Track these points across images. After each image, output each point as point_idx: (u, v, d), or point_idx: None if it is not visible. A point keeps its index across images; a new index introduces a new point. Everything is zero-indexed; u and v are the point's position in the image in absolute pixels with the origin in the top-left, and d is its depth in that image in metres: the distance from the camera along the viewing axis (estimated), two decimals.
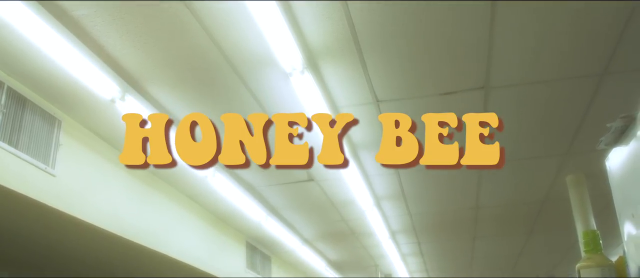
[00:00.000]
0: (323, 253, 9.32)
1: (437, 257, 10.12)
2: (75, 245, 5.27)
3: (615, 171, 1.67)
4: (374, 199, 6.76)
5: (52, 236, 4.96)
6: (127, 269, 6.27)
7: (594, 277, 2.08)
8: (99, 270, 6.25)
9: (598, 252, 2.14)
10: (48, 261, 5.74)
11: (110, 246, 5.20)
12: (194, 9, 3.47)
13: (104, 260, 5.86)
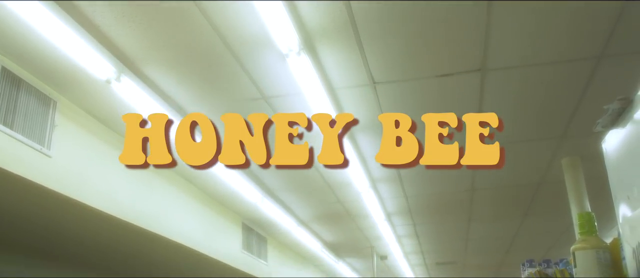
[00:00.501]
0: (319, 235, 9.36)
1: (432, 239, 10.17)
2: (72, 226, 5.27)
3: (611, 153, 1.67)
4: (370, 181, 6.77)
5: (48, 217, 4.96)
6: (124, 250, 6.28)
7: (588, 259, 2.08)
8: (96, 251, 6.26)
9: (593, 234, 2.15)
10: (44, 242, 5.74)
11: (106, 227, 5.20)
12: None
13: (100, 242, 5.87)
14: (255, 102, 4.81)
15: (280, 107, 4.92)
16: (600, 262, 2.07)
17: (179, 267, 7.40)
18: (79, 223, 5.18)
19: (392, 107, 5.07)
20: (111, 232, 5.41)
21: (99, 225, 5.14)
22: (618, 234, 1.93)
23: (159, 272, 7.68)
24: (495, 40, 4.09)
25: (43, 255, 6.05)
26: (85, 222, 5.10)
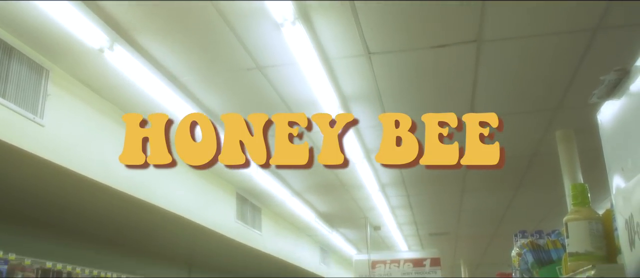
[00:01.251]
0: (313, 205, 9.40)
1: (425, 210, 10.23)
2: (65, 195, 5.27)
3: (606, 125, 1.66)
4: (364, 152, 6.78)
5: (42, 187, 4.96)
6: (118, 220, 6.30)
7: (581, 230, 2.10)
8: (90, 221, 6.28)
9: (586, 205, 2.16)
10: (38, 211, 5.75)
11: (100, 197, 5.21)
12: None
13: (94, 211, 5.88)
14: (249, 72, 4.79)
15: (274, 77, 4.90)
16: (592, 232, 2.09)
17: (173, 236, 7.44)
18: (72, 193, 5.18)
19: (387, 78, 5.06)
20: (105, 201, 5.41)
21: (93, 194, 5.14)
22: (611, 205, 1.94)
23: (153, 241, 7.73)
24: (492, 11, 4.06)
25: (37, 224, 6.07)
26: (79, 192, 5.10)
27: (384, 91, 5.27)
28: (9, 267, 4.38)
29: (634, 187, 1.45)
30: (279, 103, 5.35)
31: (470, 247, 14.39)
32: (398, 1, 3.94)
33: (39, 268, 4.35)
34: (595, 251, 2.07)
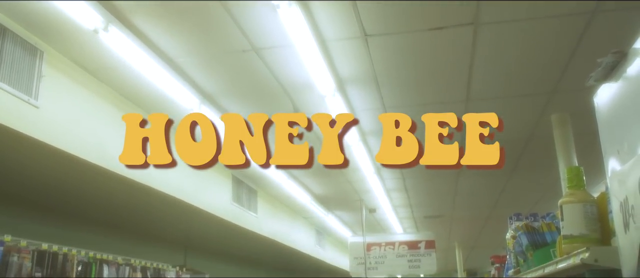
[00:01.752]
0: (308, 188, 9.42)
1: (421, 193, 10.27)
2: (61, 177, 5.26)
3: (602, 108, 1.66)
4: (360, 134, 6.78)
5: (37, 168, 4.95)
6: (114, 201, 6.30)
7: (575, 212, 2.11)
8: (85, 202, 6.27)
9: (581, 188, 2.17)
10: (33, 193, 5.74)
11: (96, 178, 5.20)
12: None
13: (90, 193, 5.88)
14: (245, 54, 4.76)
15: (270, 59, 4.88)
16: (587, 215, 2.10)
17: (169, 218, 7.45)
18: (68, 175, 5.17)
19: (384, 60, 5.04)
20: (101, 183, 5.41)
21: (89, 176, 5.14)
22: (605, 188, 1.94)
23: (149, 223, 7.74)
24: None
25: (32, 206, 6.06)
26: (74, 174, 5.10)
27: (380, 74, 5.26)
28: (4, 248, 4.39)
29: (629, 170, 1.46)
30: (275, 85, 5.34)
31: (464, 229, 14.46)
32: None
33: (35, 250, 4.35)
34: (589, 234, 2.08)
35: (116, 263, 5.23)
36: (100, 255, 5.03)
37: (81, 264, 4.80)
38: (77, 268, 4.72)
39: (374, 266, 11.32)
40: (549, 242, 3.04)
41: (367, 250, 10.91)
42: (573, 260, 2.06)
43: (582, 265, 1.96)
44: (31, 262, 4.31)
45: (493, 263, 5.68)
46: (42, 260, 4.42)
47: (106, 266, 5.04)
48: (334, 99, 5.52)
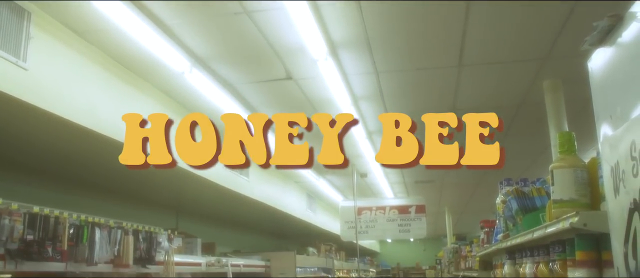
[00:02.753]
0: None
1: None
2: (51, 140, 5.23)
3: (596, 72, 1.66)
4: (352, 99, 6.77)
5: (26, 131, 4.91)
6: (105, 165, 6.28)
7: (566, 177, 2.12)
8: (76, 165, 6.26)
9: (572, 153, 2.18)
10: (24, 156, 5.72)
11: (86, 141, 5.18)
12: None
13: (80, 156, 5.85)
14: (237, 17, 4.71)
15: (262, 22, 4.83)
16: (577, 180, 2.11)
17: (160, 182, 7.45)
18: (58, 138, 5.14)
19: (377, 25, 5.00)
20: (91, 146, 5.38)
21: (79, 139, 5.11)
22: (597, 154, 1.95)
23: (141, 187, 7.74)
24: None
25: (23, 169, 6.04)
26: (64, 137, 5.06)
27: (372, 38, 5.22)
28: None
29: (621, 135, 1.46)
30: (267, 48, 5.30)
31: (455, 195, 14.59)
32: None
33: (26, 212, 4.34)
34: (579, 198, 2.10)
35: (108, 226, 5.23)
36: (92, 218, 5.02)
37: (73, 227, 4.79)
38: (69, 231, 4.72)
39: (365, 230, 11.44)
40: (538, 207, 3.07)
41: (358, 215, 11.01)
42: (562, 224, 2.08)
43: (571, 229, 1.98)
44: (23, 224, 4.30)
45: (482, 228, 5.75)
46: (34, 223, 4.41)
47: (98, 229, 5.04)
48: (326, 63, 5.49)
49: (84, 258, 4.91)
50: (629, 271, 1.51)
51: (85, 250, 4.94)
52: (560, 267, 2.28)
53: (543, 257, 2.70)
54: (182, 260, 6.96)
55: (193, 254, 7.90)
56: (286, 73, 5.92)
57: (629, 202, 1.45)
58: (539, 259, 2.75)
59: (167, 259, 6.31)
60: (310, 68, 5.67)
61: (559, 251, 2.30)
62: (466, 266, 7.86)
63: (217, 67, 5.73)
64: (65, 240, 4.67)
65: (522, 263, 3.09)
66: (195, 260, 7.61)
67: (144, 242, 5.87)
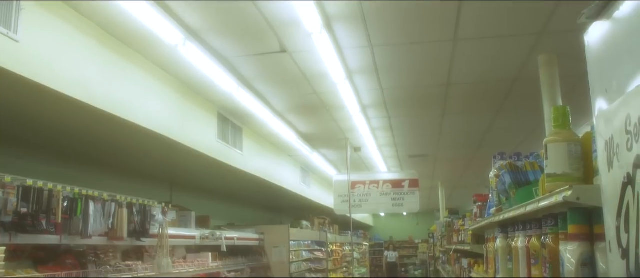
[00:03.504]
0: (294, 126, 9.43)
1: (406, 132, 10.33)
2: (43, 112, 5.20)
3: (593, 46, 1.65)
4: (347, 73, 6.75)
5: (17, 103, 4.87)
6: (98, 138, 6.27)
7: (560, 151, 2.12)
8: (69, 139, 6.23)
9: (566, 128, 2.18)
10: (17, 129, 5.68)
11: (79, 115, 5.15)
12: None
13: (73, 129, 5.83)
14: None
15: None
16: (571, 154, 2.11)
17: (154, 155, 7.45)
18: (50, 110, 5.11)
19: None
20: (84, 119, 5.36)
21: (71, 112, 5.08)
22: (591, 128, 1.95)
23: (135, 160, 7.73)
24: None
25: (17, 142, 6.02)
26: (56, 109, 5.03)
27: (367, 12, 5.18)
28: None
29: (616, 109, 1.46)
30: (261, 21, 5.25)
31: (448, 169, 14.65)
32: None
33: (20, 185, 4.33)
34: (572, 172, 2.10)
35: (102, 199, 5.23)
36: (85, 191, 5.02)
37: (67, 200, 4.79)
38: (62, 204, 4.72)
39: (358, 204, 11.50)
40: (531, 181, 3.08)
41: (351, 189, 11.05)
42: (555, 198, 2.09)
43: (564, 203, 1.98)
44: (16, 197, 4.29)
45: (475, 202, 5.78)
46: (28, 195, 4.40)
47: (92, 202, 5.05)
48: (320, 37, 5.46)
49: (78, 231, 4.92)
50: (621, 244, 1.52)
51: (80, 223, 4.94)
52: (553, 240, 2.29)
53: (535, 230, 2.71)
54: (176, 233, 6.99)
55: (187, 227, 7.94)
56: (280, 46, 5.88)
57: (623, 176, 1.45)
58: (531, 233, 2.77)
59: (161, 232, 6.33)
60: (305, 41, 5.64)
61: (551, 225, 2.31)
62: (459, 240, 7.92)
63: (211, 40, 5.69)
64: (59, 213, 4.68)
65: (515, 237, 3.11)
66: (189, 233, 7.65)
67: (138, 215, 5.89)
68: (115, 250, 6.03)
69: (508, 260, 3.38)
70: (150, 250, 6.54)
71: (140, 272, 6.04)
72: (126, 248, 6.33)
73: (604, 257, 1.84)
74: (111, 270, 5.54)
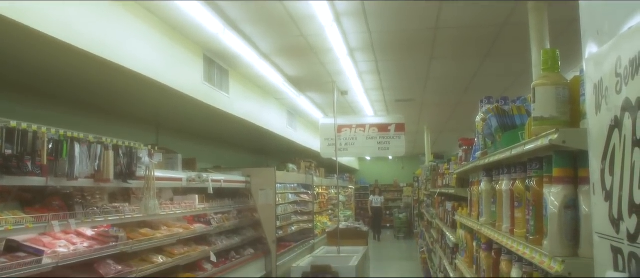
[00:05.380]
0: (281, 69, 9.36)
1: (393, 76, 10.29)
2: (26, 53, 5.11)
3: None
4: (334, 15, 6.65)
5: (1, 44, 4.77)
6: (82, 79, 6.18)
7: (547, 95, 2.13)
8: (53, 80, 6.15)
9: (555, 71, 2.17)
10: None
11: (62, 55, 5.06)
12: None
13: (57, 70, 5.74)
14: None
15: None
16: (558, 98, 2.12)
17: (140, 97, 7.38)
18: (33, 51, 5.01)
19: None
20: (68, 60, 5.27)
21: (55, 53, 4.99)
22: (580, 72, 1.95)
23: (120, 102, 7.66)
24: None
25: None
26: (40, 50, 4.94)
27: None
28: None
29: (607, 52, 1.45)
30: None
31: (434, 114, 14.71)
32: None
33: (4, 127, 4.28)
34: (559, 116, 2.11)
35: (88, 141, 5.19)
36: (71, 133, 4.97)
37: (52, 142, 4.75)
38: (48, 146, 4.68)
39: (345, 147, 11.56)
40: (518, 125, 3.10)
41: (338, 132, 11.08)
42: (541, 141, 2.10)
43: (550, 146, 2.00)
44: (1, 139, 4.25)
45: (461, 146, 5.81)
46: (12, 137, 4.35)
47: (77, 144, 5.01)
48: None
49: (64, 172, 4.90)
50: (605, 187, 1.54)
51: (66, 165, 4.92)
52: (537, 183, 2.31)
53: (520, 174, 2.74)
54: (162, 175, 7.00)
55: (174, 170, 7.95)
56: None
57: (610, 119, 1.46)
58: (516, 176, 2.79)
59: (147, 174, 6.33)
60: None
61: (536, 168, 2.33)
62: (443, 183, 8.02)
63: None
64: (45, 154, 4.65)
65: (499, 181, 3.14)
66: (176, 175, 7.66)
67: (124, 157, 5.87)
68: (102, 192, 6.03)
69: (492, 203, 3.44)
70: (137, 192, 6.55)
71: (128, 213, 6.07)
72: (113, 190, 6.33)
73: (587, 200, 1.86)
74: (98, 211, 5.56)
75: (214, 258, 8.33)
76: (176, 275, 7.25)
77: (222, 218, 9.34)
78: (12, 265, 4.28)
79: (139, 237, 6.28)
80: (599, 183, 1.58)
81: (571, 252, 1.95)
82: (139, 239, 6.21)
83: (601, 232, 1.57)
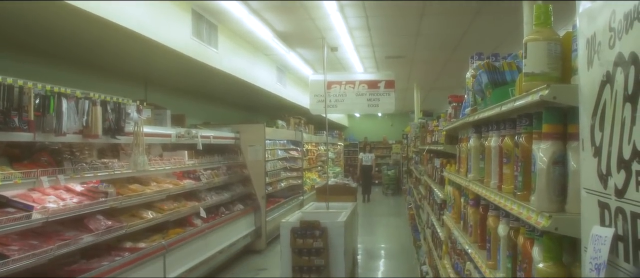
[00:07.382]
0: (270, 24, 9.24)
1: (383, 32, 10.21)
2: (9, 8, 5.00)
3: None
4: None
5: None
6: (70, 34, 6.09)
7: (539, 50, 2.11)
8: (40, 35, 6.04)
9: (547, 26, 2.15)
10: None
11: (47, 10, 4.97)
12: None
13: (43, 25, 5.64)
14: None
15: None
16: (550, 53, 2.10)
17: (127, 52, 7.29)
18: (18, 6, 4.91)
19: None
20: (55, 16, 5.18)
21: (41, 8, 4.90)
22: (573, 27, 1.93)
23: (108, 58, 7.57)
24: None
25: None
26: (25, 5, 4.84)
27: None
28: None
29: (602, 5, 1.43)
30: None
31: (424, 71, 14.66)
32: None
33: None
34: (551, 72, 2.10)
35: (75, 97, 5.14)
36: (58, 88, 4.92)
37: (39, 97, 4.69)
38: (34, 101, 4.63)
39: (334, 104, 11.53)
40: (508, 81, 3.09)
41: (327, 88, 11.04)
42: (532, 97, 2.09)
43: (541, 102, 1.99)
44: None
45: (450, 103, 5.80)
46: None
47: (65, 99, 4.95)
48: None
49: (52, 128, 4.87)
50: (594, 143, 1.54)
51: (53, 121, 4.89)
52: (526, 139, 2.31)
53: (509, 130, 2.74)
54: (151, 131, 6.97)
55: (163, 126, 7.92)
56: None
57: (602, 74, 1.45)
58: (505, 133, 2.79)
59: (136, 130, 6.31)
60: None
61: (525, 124, 2.33)
62: (432, 140, 8.04)
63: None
64: (32, 110, 4.60)
65: (488, 137, 3.15)
66: (165, 131, 7.64)
67: (112, 113, 5.83)
68: (91, 147, 6.01)
69: (480, 159, 3.45)
70: (126, 148, 6.54)
71: (117, 169, 6.06)
72: (101, 146, 6.31)
73: (576, 156, 1.87)
74: (87, 167, 5.55)
75: (204, 214, 8.38)
76: (166, 230, 7.30)
77: (211, 174, 9.37)
78: (2, 220, 4.28)
79: (129, 193, 6.29)
80: (589, 139, 1.58)
81: (558, 208, 1.96)
82: (128, 195, 6.22)
83: (589, 188, 1.58)
